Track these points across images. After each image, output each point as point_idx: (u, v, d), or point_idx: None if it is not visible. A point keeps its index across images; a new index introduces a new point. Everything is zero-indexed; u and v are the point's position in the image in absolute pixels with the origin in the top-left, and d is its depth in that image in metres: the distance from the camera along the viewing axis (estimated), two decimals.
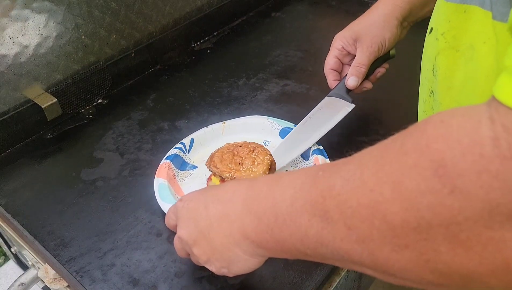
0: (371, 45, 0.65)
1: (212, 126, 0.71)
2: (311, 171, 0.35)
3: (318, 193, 0.33)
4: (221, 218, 0.41)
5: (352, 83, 0.66)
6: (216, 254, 0.42)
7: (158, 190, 0.61)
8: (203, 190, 0.46)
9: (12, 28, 0.70)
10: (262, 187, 0.39)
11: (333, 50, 0.69)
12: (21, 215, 0.62)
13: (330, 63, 0.69)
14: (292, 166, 0.67)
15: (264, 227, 0.37)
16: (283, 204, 0.35)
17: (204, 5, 1.00)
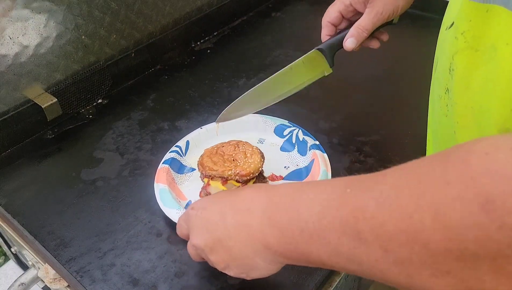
0: (381, 11, 0.61)
1: (206, 127, 0.71)
2: (337, 186, 0.34)
3: (348, 213, 0.32)
4: (240, 228, 0.40)
5: (350, 45, 0.62)
6: (235, 261, 0.42)
7: (160, 195, 0.61)
8: (216, 197, 0.45)
9: (12, 28, 0.70)
10: (283, 199, 0.38)
11: (339, 4, 0.63)
12: (21, 215, 0.62)
13: (331, 16, 0.64)
14: (289, 162, 0.67)
15: (288, 239, 0.37)
16: (309, 219, 0.35)
17: (204, 5, 1.00)
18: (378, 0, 0.60)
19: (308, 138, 0.68)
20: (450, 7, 0.46)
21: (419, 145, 0.69)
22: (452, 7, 0.45)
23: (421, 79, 0.84)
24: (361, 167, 0.66)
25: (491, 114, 0.38)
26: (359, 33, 0.62)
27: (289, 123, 0.70)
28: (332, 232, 0.33)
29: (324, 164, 0.63)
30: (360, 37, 0.62)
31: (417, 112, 0.76)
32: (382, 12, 0.61)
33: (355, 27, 0.62)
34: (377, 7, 0.61)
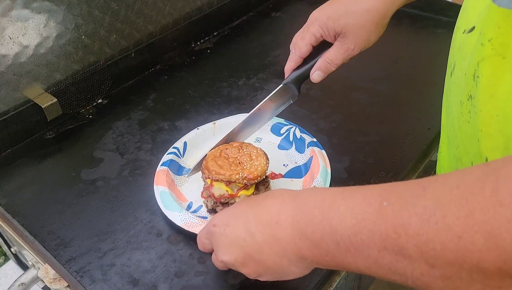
0: (353, 48, 0.58)
1: (203, 128, 0.71)
2: (371, 199, 0.34)
3: (388, 228, 0.31)
4: (272, 242, 0.40)
5: (317, 78, 0.60)
6: (269, 271, 0.42)
7: (161, 198, 0.60)
8: (236, 209, 0.44)
9: (12, 28, 0.70)
10: (312, 211, 0.37)
11: (309, 36, 0.59)
12: (21, 215, 0.62)
13: (302, 50, 0.60)
14: (287, 160, 0.67)
15: (323, 252, 0.37)
16: (344, 233, 0.34)
17: (204, 5, 1.00)
18: (350, 36, 0.57)
19: (305, 136, 0.68)
20: (467, 10, 0.45)
21: (419, 145, 0.70)
22: (470, 10, 0.44)
23: (421, 79, 0.84)
24: (361, 167, 0.66)
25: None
26: (327, 67, 0.59)
27: (286, 122, 0.70)
28: (372, 246, 0.33)
29: (323, 161, 0.63)
30: (328, 71, 0.60)
31: (417, 112, 0.76)
32: (353, 48, 0.58)
33: (323, 61, 0.59)
34: (348, 43, 0.57)
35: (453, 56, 0.47)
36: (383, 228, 0.32)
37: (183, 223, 0.57)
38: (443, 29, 0.96)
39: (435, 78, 0.84)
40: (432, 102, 0.77)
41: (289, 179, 0.65)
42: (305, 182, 0.63)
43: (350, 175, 0.65)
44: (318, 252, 0.37)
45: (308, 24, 0.60)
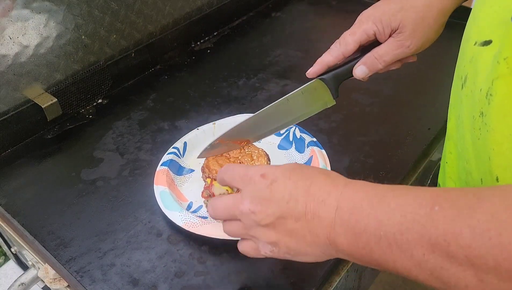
0: (408, 44, 0.52)
1: (203, 128, 0.71)
2: (423, 201, 0.33)
3: (439, 234, 0.31)
4: (311, 217, 0.39)
5: (360, 74, 0.55)
6: (289, 243, 0.41)
7: (161, 198, 0.60)
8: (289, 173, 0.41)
9: (12, 28, 0.70)
10: (360, 202, 0.37)
11: (361, 33, 0.53)
12: (21, 215, 0.62)
13: (349, 46, 0.53)
14: (287, 159, 0.67)
15: (361, 244, 0.36)
16: (390, 229, 0.34)
17: (204, 5, 1.00)
18: (407, 29, 0.51)
19: (305, 136, 0.68)
20: (479, 20, 0.43)
21: (419, 145, 0.70)
22: (483, 21, 0.43)
23: (421, 79, 0.84)
24: (361, 167, 0.66)
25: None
26: (373, 63, 0.53)
27: None
28: (418, 248, 0.32)
29: (323, 160, 0.63)
30: (374, 68, 0.54)
31: (417, 112, 0.76)
32: (408, 46, 0.52)
33: (371, 56, 0.53)
34: (403, 38, 0.52)
35: (464, 68, 0.45)
36: (433, 233, 0.31)
37: (183, 223, 0.57)
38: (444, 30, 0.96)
39: (435, 78, 0.84)
40: (432, 102, 0.77)
41: None
42: None
43: (350, 175, 0.65)
44: (355, 243, 0.36)
45: (361, 21, 0.53)
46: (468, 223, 0.30)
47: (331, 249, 0.39)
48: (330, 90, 0.55)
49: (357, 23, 0.54)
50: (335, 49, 0.54)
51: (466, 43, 0.46)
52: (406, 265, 0.33)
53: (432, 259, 0.31)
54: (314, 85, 0.55)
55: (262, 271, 0.53)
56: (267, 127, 0.57)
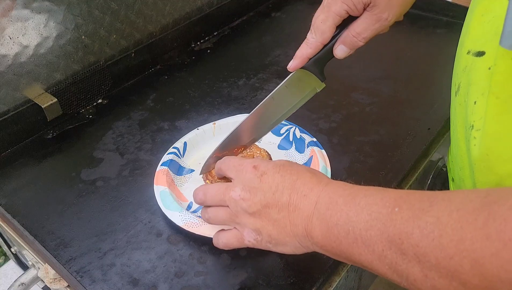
0: (386, 16, 0.48)
1: (203, 128, 0.71)
2: (387, 202, 0.36)
3: (395, 233, 0.34)
4: (293, 208, 0.42)
5: (341, 54, 0.51)
6: (272, 232, 0.44)
7: (161, 198, 0.60)
8: (278, 168, 0.45)
9: (12, 28, 0.70)
10: (337, 199, 0.40)
11: (333, 16, 0.49)
12: (21, 215, 0.62)
13: (326, 35, 0.50)
14: (287, 159, 0.67)
15: (332, 237, 0.39)
16: (357, 225, 0.37)
17: (204, 5, 1.00)
18: (382, 4, 0.48)
19: (305, 136, 0.68)
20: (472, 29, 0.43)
21: (419, 145, 0.70)
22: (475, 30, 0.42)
23: (421, 79, 0.84)
24: (361, 167, 0.66)
25: None
26: (353, 42, 0.50)
27: (286, 122, 0.70)
28: (378, 243, 0.35)
29: (323, 160, 0.63)
30: (354, 46, 0.51)
31: (417, 112, 0.76)
32: (387, 18, 0.48)
33: (349, 35, 0.50)
34: (379, 12, 0.48)
35: (458, 76, 0.45)
36: (391, 231, 0.35)
37: (183, 223, 0.57)
38: (443, 29, 0.96)
39: (435, 78, 0.84)
40: (432, 102, 0.77)
41: None
42: None
43: (350, 175, 0.65)
44: (327, 235, 0.40)
45: (329, 3, 0.49)
46: (418, 224, 0.33)
47: (307, 240, 0.42)
48: (315, 75, 0.52)
49: (325, 6, 0.49)
50: (313, 41, 0.51)
51: (460, 50, 0.46)
52: (368, 259, 0.37)
53: (389, 254, 0.35)
54: (296, 75, 0.53)
55: (262, 271, 0.53)
56: (260, 129, 0.56)
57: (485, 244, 0.29)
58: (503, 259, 0.28)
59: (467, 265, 0.29)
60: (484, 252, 0.29)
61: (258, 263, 0.54)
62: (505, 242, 0.28)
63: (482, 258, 0.29)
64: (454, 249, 0.30)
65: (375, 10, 0.48)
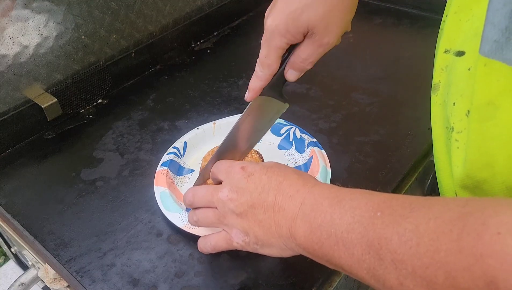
0: (328, 41, 0.47)
1: (203, 127, 0.71)
2: (371, 206, 0.36)
3: (374, 237, 0.34)
4: (277, 209, 0.43)
5: (292, 77, 0.51)
6: (258, 233, 0.44)
7: (161, 199, 0.60)
8: (265, 170, 0.46)
9: (12, 28, 0.70)
10: (322, 201, 0.40)
11: (275, 50, 0.49)
12: (21, 215, 0.62)
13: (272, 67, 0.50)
14: (287, 160, 0.67)
15: (315, 239, 0.39)
16: (339, 227, 0.37)
17: (204, 5, 1.00)
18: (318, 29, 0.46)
19: (305, 136, 0.68)
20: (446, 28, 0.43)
21: (419, 145, 0.70)
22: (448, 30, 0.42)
23: (421, 79, 0.84)
24: (361, 167, 0.66)
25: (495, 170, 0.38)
26: (301, 67, 0.50)
27: (285, 122, 0.70)
28: (357, 247, 0.36)
29: (323, 160, 0.63)
30: (303, 70, 0.51)
31: (417, 112, 0.76)
32: (328, 42, 0.48)
33: (296, 61, 0.50)
34: (319, 39, 0.47)
35: (436, 75, 0.46)
36: (371, 236, 0.35)
37: (183, 225, 0.57)
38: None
39: None
40: None
41: None
42: None
43: (350, 175, 0.65)
44: (310, 236, 0.40)
45: (269, 38, 0.49)
46: (397, 230, 0.33)
47: (291, 241, 0.42)
48: (275, 98, 0.52)
49: (265, 41, 0.49)
50: (262, 74, 0.51)
51: (437, 48, 0.46)
52: (348, 262, 0.37)
53: (367, 259, 0.35)
54: (257, 103, 0.52)
55: (262, 271, 0.53)
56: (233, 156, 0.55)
57: (458, 257, 0.29)
58: (474, 274, 0.27)
59: (441, 277, 0.29)
60: (456, 265, 0.28)
61: (258, 263, 0.54)
62: (476, 257, 0.28)
63: (455, 271, 0.29)
64: (430, 259, 0.30)
65: (315, 37, 0.47)
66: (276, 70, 0.51)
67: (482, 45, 0.33)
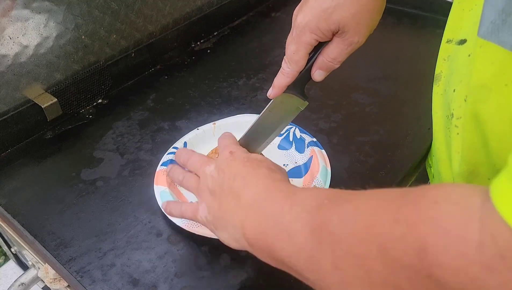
0: (357, 40, 0.49)
1: (203, 128, 0.71)
2: (321, 195, 0.37)
3: (317, 222, 0.34)
4: (237, 196, 0.43)
5: (319, 77, 0.52)
6: (218, 214, 0.45)
7: (161, 198, 0.60)
8: (249, 158, 0.47)
9: (12, 28, 0.70)
10: (277, 193, 0.40)
11: (304, 46, 0.50)
12: (21, 215, 0.62)
13: (300, 64, 0.51)
14: (287, 160, 0.67)
15: (260, 229, 0.39)
16: (287, 216, 0.37)
17: (204, 5, 1.00)
18: (348, 27, 0.48)
19: (305, 136, 0.68)
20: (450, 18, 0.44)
21: (419, 145, 0.70)
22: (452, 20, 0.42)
23: (421, 79, 0.84)
24: (361, 167, 0.66)
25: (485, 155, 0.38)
26: (329, 66, 0.51)
27: None
28: (300, 235, 0.35)
29: (323, 160, 0.63)
30: (331, 69, 0.52)
31: (417, 112, 0.76)
32: (357, 41, 0.49)
33: (324, 61, 0.51)
34: (349, 37, 0.48)
35: (438, 66, 0.46)
36: (314, 222, 0.34)
37: (183, 224, 0.57)
38: (443, 29, 0.96)
39: None
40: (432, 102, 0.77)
41: (289, 179, 0.65)
42: (305, 181, 0.63)
43: (350, 175, 0.65)
44: (257, 227, 0.40)
45: (298, 34, 0.50)
46: (338, 211, 0.33)
47: (239, 231, 0.42)
48: (297, 96, 0.54)
49: (295, 36, 0.50)
50: (288, 70, 0.53)
51: (442, 40, 0.46)
52: (289, 252, 0.36)
53: (307, 246, 0.34)
54: (279, 99, 0.54)
55: (262, 271, 0.53)
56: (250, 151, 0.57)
57: (392, 228, 0.28)
58: (406, 242, 0.27)
59: (374, 250, 0.29)
60: (390, 236, 0.28)
61: (258, 263, 0.53)
62: (410, 226, 0.27)
63: (388, 242, 0.28)
64: (365, 234, 0.30)
65: (345, 36, 0.48)
66: (302, 67, 0.52)
67: (480, 26, 0.33)
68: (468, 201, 0.25)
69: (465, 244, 0.24)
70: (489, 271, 0.23)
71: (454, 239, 0.25)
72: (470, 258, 0.24)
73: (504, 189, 0.24)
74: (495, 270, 0.23)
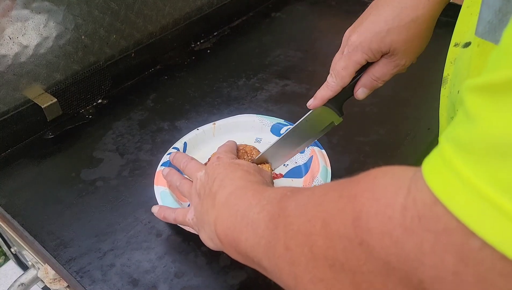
0: (404, 62, 0.52)
1: (203, 128, 0.71)
2: (285, 189, 0.38)
3: (276, 210, 0.36)
4: (213, 197, 0.44)
5: (362, 96, 0.55)
6: (198, 215, 0.47)
7: (161, 198, 0.60)
8: (230, 163, 0.49)
9: (12, 28, 0.70)
10: (248, 191, 0.42)
11: (353, 64, 0.52)
12: (21, 215, 0.62)
13: (345, 80, 0.53)
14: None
15: (229, 223, 0.41)
16: (254, 209, 0.38)
17: (204, 5, 1.00)
18: (398, 50, 0.50)
19: None
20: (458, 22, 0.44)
21: (419, 145, 0.70)
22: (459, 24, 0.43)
23: (421, 79, 0.84)
24: (361, 167, 0.66)
25: None
26: (373, 84, 0.54)
27: (286, 122, 0.70)
28: (261, 224, 0.36)
29: (323, 160, 0.63)
30: (374, 88, 0.54)
31: (417, 112, 0.76)
32: (404, 64, 0.52)
33: (369, 78, 0.53)
34: (398, 59, 0.51)
35: (445, 69, 0.47)
36: (275, 210, 0.36)
37: None
38: (443, 29, 0.95)
39: (435, 78, 0.83)
40: (432, 102, 0.77)
41: (289, 179, 0.65)
42: (305, 181, 0.63)
43: (350, 175, 0.65)
44: (226, 223, 0.41)
45: (350, 52, 0.52)
46: (296, 198, 0.35)
47: (212, 230, 0.43)
48: (334, 111, 0.56)
49: (346, 54, 0.52)
50: (333, 84, 0.54)
51: (450, 44, 0.47)
52: (251, 242, 0.37)
53: (266, 233, 0.35)
54: (318, 111, 0.57)
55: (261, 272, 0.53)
56: (280, 158, 0.62)
57: (336, 202, 0.29)
58: (345, 213, 0.28)
59: (318, 225, 0.30)
60: (333, 210, 0.29)
61: None
62: (350, 198, 0.28)
63: (331, 215, 0.29)
64: (313, 211, 0.31)
65: (393, 58, 0.51)
66: (347, 84, 0.54)
67: (477, 26, 0.33)
68: (402, 173, 0.27)
69: (392, 208, 0.25)
70: (408, 232, 0.24)
71: (383, 205, 0.26)
72: (394, 221, 0.25)
73: (432, 160, 0.25)
74: (413, 231, 0.24)
